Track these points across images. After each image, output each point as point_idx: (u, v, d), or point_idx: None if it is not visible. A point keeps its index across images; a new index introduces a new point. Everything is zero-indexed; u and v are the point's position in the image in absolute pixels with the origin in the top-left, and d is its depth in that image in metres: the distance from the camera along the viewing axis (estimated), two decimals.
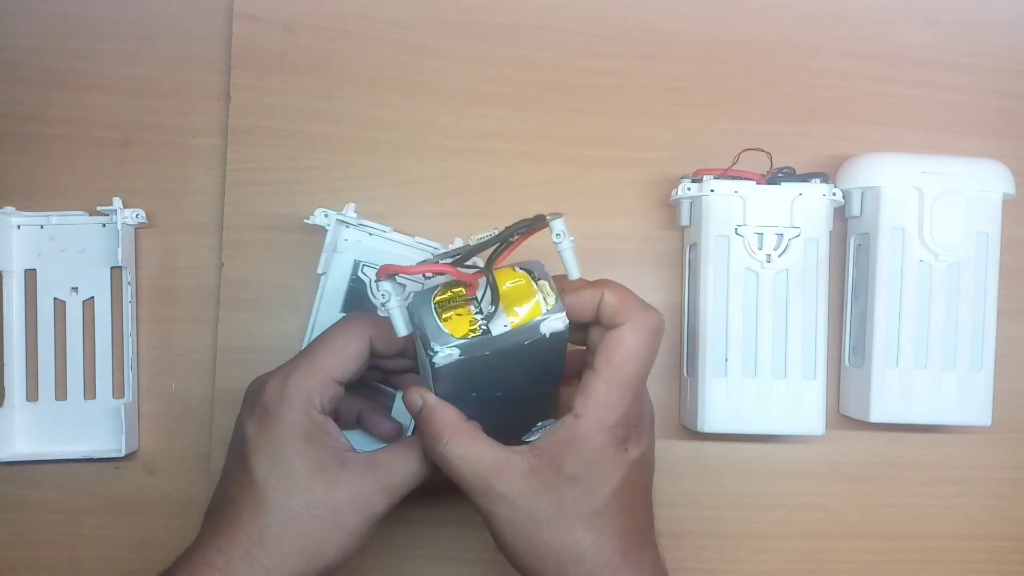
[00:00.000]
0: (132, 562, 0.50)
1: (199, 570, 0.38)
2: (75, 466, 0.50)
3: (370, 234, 0.49)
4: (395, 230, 0.49)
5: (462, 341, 0.36)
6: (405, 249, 0.49)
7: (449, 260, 0.37)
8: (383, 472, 0.40)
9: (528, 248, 0.38)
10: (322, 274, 0.48)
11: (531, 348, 0.37)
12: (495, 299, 0.36)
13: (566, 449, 0.37)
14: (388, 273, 0.36)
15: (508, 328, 0.36)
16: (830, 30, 0.54)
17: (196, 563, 0.38)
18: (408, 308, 0.37)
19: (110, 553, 0.50)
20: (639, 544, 0.39)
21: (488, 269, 0.36)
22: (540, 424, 0.40)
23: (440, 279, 0.41)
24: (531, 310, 0.36)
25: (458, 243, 0.47)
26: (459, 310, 0.37)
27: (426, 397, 0.39)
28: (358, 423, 0.46)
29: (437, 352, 0.36)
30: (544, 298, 0.37)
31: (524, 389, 0.40)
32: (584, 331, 0.40)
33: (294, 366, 0.40)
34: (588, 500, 0.37)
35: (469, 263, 0.37)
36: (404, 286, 0.47)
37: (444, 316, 0.37)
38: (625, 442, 0.38)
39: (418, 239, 0.49)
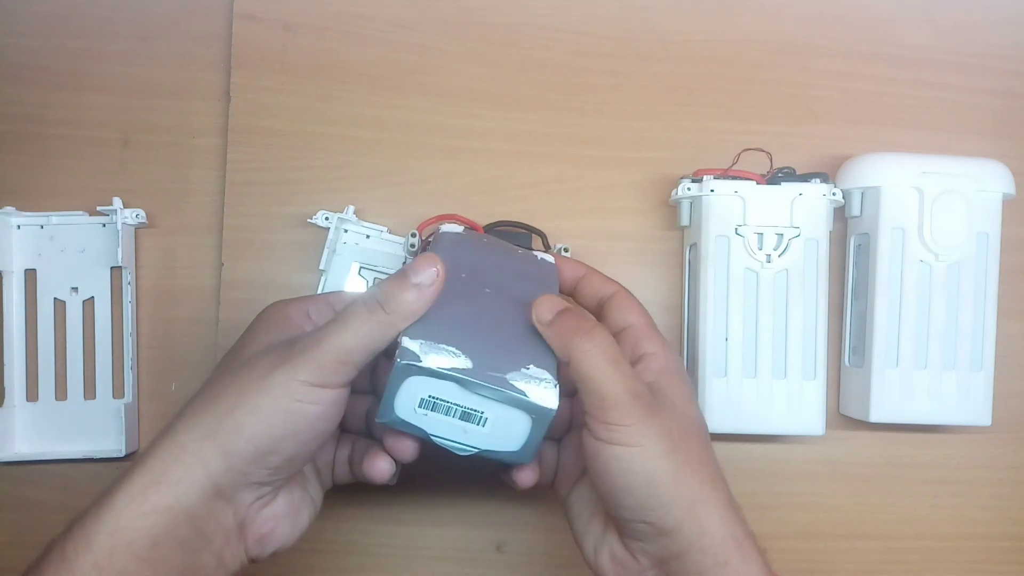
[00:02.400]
0: None
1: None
2: (75, 466, 0.50)
3: (367, 236, 0.50)
4: (390, 231, 0.50)
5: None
6: (400, 248, 0.50)
7: None
8: (325, 337, 0.35)
9: None
10: (323, 270, 0.49)
11: (523, 261, 0.43)
12: None
13: (672, 376, 0.38)
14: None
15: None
16: (830, 30, 0.54)
17: None
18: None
19: None
20: None
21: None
22: (534, 366, 0.36)
23: None
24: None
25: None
26: None
27: (556, 305, 0.37)
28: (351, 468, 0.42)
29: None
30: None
31: (511, 300, 0.39)
32: None
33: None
34: (702, 421, 0.39)
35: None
36: None
37: None
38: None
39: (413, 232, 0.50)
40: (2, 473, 0.50)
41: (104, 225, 0.50)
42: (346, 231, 0.50)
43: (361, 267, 0.50)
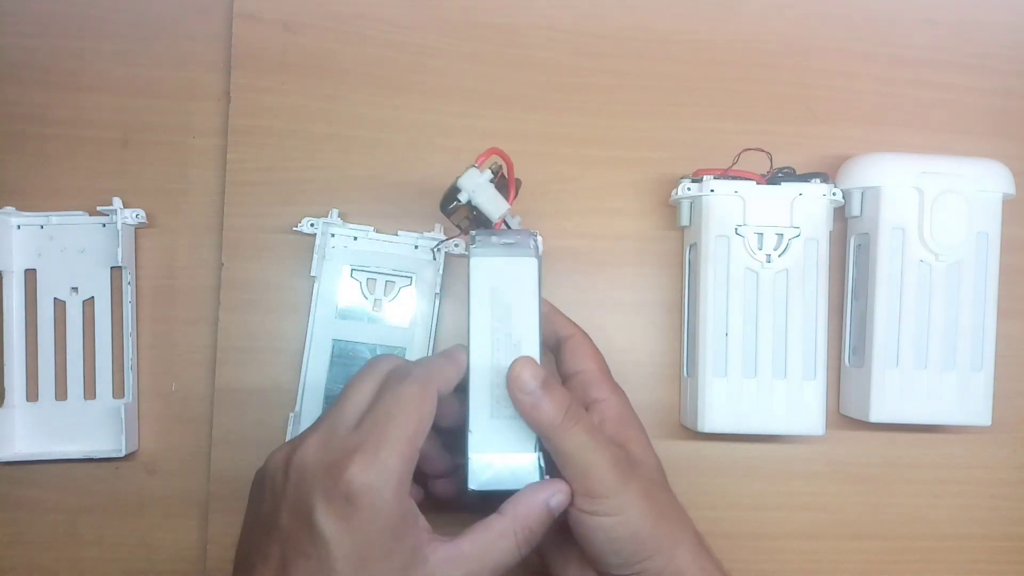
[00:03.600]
0: (132, 562, 0.50)
1: None
2: (75, 466, 0.50)
3: (355, 238, 0.50)
4: (376, 230, 0.50)
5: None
6: (389, 246, 0.50)
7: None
8: (472, 565, 0.35)
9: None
10: (315, 277, 0.49)
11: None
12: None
13: (628, 425, 0.41)
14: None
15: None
16: (830, 30, 0.54)
17: None
18: (476, 244, 0.41)
19: (110, 553, 0.50)
20: None
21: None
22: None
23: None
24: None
25: (438, 228, 0.50)
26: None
27: (540, 373, 0.37)
28: None
29: (536, 235, 0.40)
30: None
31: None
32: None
33: (379, 440, 0.34)
34: (660, 464, 0.42)
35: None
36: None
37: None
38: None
39: (401, 233, 0.50)
40: (2, 473, 0.50)
41: (104, 225, 0.50)
42: (333, 235, 0.50)
43: (353, 269, 0.50)
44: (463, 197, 0.42)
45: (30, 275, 0.51)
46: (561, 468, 0.37)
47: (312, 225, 0.49)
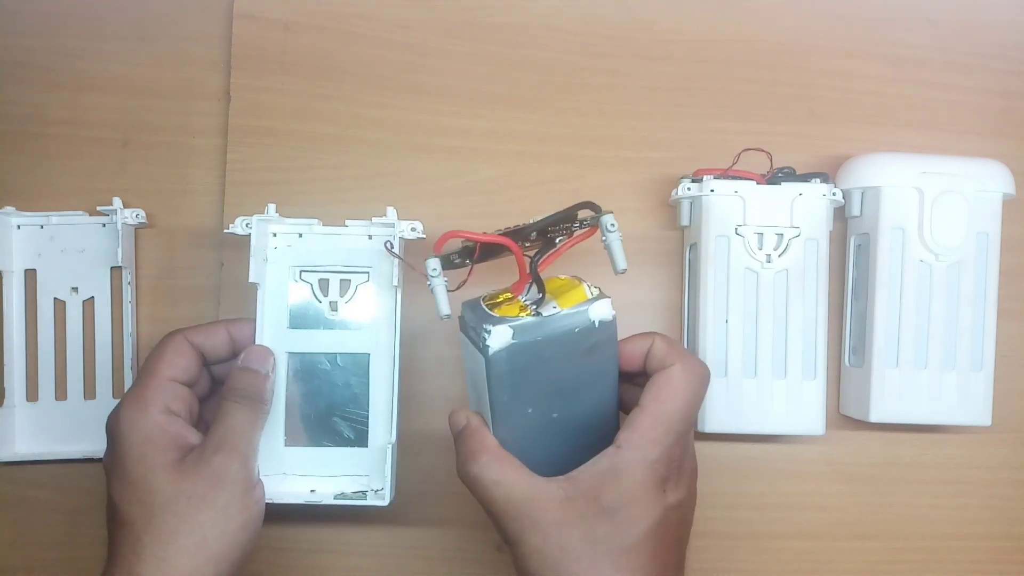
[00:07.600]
0: None
1: None
2: (75, 466, 0.50)
3: (300, 235, 0.46)
4: (322, 223, 0.46)
5: (514, 321, 0.36)
6: (339, 240, 0.46)
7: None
8: (217, 444, 0.40)
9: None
10: (254, 283, 0.44)
11: (581, 341, 0.38)
12: (541, 289, 0.38)
13: (604, 480, 0.37)
14: (442, 243, 0.39)
15: (556, 310, 0.37)
16: (830, 30, 0.54)
17: None
18: (460, 317, 0.39)
19: None
20: None
21: (534, 266, 0.38)
22: None
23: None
24: (577, 296, 0.38)
25: (391, 213, 0.45)
26: (507, 303, 0.38)
27: (471, 418, 0.40)
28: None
29: (490, 333, 0.36)
30: (589, 288, 0.38)
31: (579, 409, 0.40)
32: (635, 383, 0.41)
33: (134, 385, 0.42)
34: (621, 536, 0.36)
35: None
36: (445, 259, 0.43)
37: (493, 308, 0.38)
38: (665, 483, 0.38)
39: (350, 223, 0.46)
40: (2, 473, 0.50)
41: (104, 225, 0.50)
42: (275, 235, 0.46)
43: (301, 271, 0.46)
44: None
45: (30, 275, 0.51)
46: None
47: (247, 225, 0.44)
